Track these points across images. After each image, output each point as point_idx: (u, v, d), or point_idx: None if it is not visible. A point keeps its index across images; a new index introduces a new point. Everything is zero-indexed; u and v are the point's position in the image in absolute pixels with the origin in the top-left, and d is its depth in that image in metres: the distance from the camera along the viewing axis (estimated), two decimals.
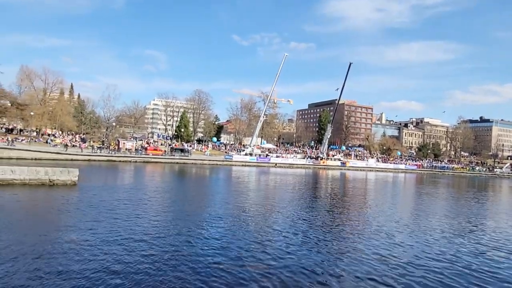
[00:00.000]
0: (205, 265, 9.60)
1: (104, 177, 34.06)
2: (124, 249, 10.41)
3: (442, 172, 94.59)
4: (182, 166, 55.88)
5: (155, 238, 11.82)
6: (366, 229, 15.66)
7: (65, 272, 8.44)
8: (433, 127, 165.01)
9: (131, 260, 9.52)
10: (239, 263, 9.91)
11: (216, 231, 13.45)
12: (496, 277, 10.11)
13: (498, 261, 11.67)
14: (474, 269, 10.65)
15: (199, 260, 9.91)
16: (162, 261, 9.61)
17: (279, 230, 14.35)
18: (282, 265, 9.94)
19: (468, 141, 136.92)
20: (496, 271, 10.61)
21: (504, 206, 30.55)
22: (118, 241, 11.13)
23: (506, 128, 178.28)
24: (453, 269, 10.51)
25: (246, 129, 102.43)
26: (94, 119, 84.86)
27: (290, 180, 42.91)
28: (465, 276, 9.95)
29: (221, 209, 18.65)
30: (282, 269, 9.59)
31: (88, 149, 59.88)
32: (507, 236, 16.04)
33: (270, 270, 9.51)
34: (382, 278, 9.35)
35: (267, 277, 9.02)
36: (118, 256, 9.77)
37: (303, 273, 9.42)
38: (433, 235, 14.99)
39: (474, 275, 10.10)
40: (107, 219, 14.25)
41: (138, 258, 9.69)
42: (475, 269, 10.61)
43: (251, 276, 8.97)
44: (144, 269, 8.98)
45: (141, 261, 9.48)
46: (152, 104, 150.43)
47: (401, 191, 40.12)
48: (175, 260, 9.81)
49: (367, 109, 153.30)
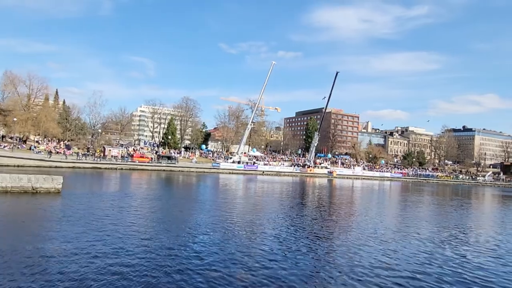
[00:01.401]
0: (191, 274, 9.52)
1: (89, 184, 33.53)
2: (108, 259, 10.21)
3: (427, 180, 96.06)
4: (169, 173, 55.42)
5: (140, 248, 11.65)
6: (354, 237, 15.75)
7: (46, 283, 8.25)
8: (418, 135, 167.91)
9: (115, 270, 9.36)
10: (225, 271, 9.84)
11: (203, 241, 13.33)
12: (479, 281, 10.30)
13: (483, 267, 11.88)
14: (459, 273, 10.83)
15: (184, 269, 9.81)
16: (147, 271, 9.48)
17: (266, 238, 14.33)
18: (268, 274, 9.91)
19: (451, 150, 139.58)
20: (480, 276, 10.80)
21: (488, 215, 31.16)
22: (103, 251, 10.93)
23: (488, 137, 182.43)
24: (439, 274, 10.66)
25: (233, 137, 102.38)
26: (80, 126, 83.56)
27: (278, 188, 42.97)
28: (452, 281, 10.11)
29: (208, 217, 18.54)
30: (268, 278, 9.56)
31: (73, 156, 58.95)
32: (494, 243, 16.36)
33: (256, 278, 9.47)
34: (371, 285, 9.42)
35: (254, 285, 8.99)
36: (101, 266, 9.59)
37: (289, 282, 9.42)
38: (420, 243, 15.15)
39: (459, 280, 10.27)
40: (91, 227, 13.99)
41: (122, 268, 9.54)
42: (460, 273, 10.79)
43: (238, 286, 8.93)
44: (128, 278, 8.85)
45: (125, 271, 9.33)
46: (139, 110, 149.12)
47: (387, 199, 40.56)
48: (160, 269, 9.69)
49: (353, 118, 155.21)
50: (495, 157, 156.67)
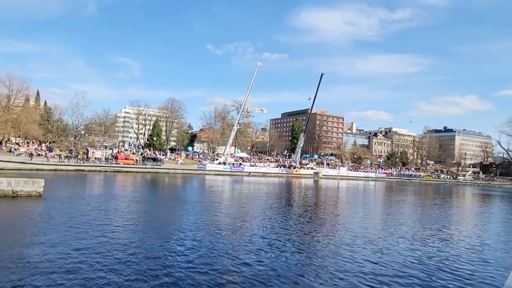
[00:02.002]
0: (177, 275, 9.33)
1: (72, 187, 32.76)
2: (93, 263, 9.95)
3: (410, 180, 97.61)
4: (154, 175, 54.72)
5: (126, 251, 11.39)
6: (340, 237, 15.81)
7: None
8: (401, 136, 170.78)
9: (100, 275, 9.11)
10: (213, 273, 9.70)
11: (189, 243, 13.13)
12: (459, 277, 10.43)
13: (465, 262, 12.05)
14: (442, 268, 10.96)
15: (171, 271, 9.62)
16: (132, 275, 9.24)
17: (253, 239, 14.23)
18: (256, 274, 9.83)
19: (433, 150, 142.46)
20: (462, 271, 10.97)
21: (469, 213, 31.82)
22: (87, 255, 10.64)
23: (468, 138, 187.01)
24: (425, 270, 10.77)
25: (219, 138, 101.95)
26: (62, 127, 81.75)
27: (264, 189, 42.90)
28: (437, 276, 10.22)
29: (195, 219, 18.33)
30: (255, 278, 9.48)
31: (55, 158, 57.56)
32: (475, 239, 16.66)
33: (244, 278, 9.37)
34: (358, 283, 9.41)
35: (242, 285, 8.88)
36: (86, 271, 9.32)
37: (277, 282, 9.33)
38: (405, 240, 15.31)
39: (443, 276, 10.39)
40: (74, 232, 13.62)
41: (108, 273, 9.29)
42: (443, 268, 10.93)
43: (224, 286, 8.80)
44: (114, 282, 8.61)
45: (111, 276, 9.09)
46: (124, 112, 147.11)
47: (372, 199, 41.00)
48: (146, 272, 9.47)
49: (338, 119, 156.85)
50: (475, 157, 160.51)
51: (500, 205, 41.57)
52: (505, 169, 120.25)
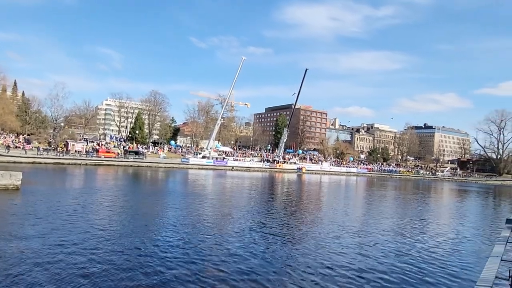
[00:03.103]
0: (158, 270, 9.30)
1: (51, 180, 32.01)
2: (73, 258, 9.77)
3: (390, 175, 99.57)
4: (136, 169, 54.05)
5: (107, 246, 11.24)
6: (321, 231, 16.01)
7: (6, 286, 7.75)
8: (383, 132, 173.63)
9: (80, 271, 8.97)
10: (194, 267, 9.70)
11: (171, 237, 13.07)
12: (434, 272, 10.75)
13: (442, 253, 12.41)
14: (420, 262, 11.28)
15: (151, 266, 9.57)
16: (109, 271, 9.14)
17: (236, 233, 14.27)
18: (239, 268, 9.87)
19: (413, 146, 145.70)
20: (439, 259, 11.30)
21: (446, 207, 32.75)
22: (67, 251, 10.45)
23: (446, 135, 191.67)
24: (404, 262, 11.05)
25: (203, 132, 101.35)
26: (40, 119, 79.58)
27: (247, 183, 43.01)
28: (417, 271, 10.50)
29: (177, 214, 18.26)
30: (238, 272, 9.52)
31: (33, 151, 56.05)
32: (452, 232, 17.18)
33: (226, 273, 9.40)
34: (339, 279, 9.58)
35: (220, 280, 8.90)
36: (66, 266, 9.17)
37: (260, 276, 9.41)
38: (386, 233, 15.63)
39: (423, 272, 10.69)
40: (53, 226, 13.34)
41: (89, 269, 9.16)
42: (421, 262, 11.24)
43: (205, 282, 8.81)
44: (95, 277, 8.50)
45: (92, 271, 8.97)
46: (105, 104, 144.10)
47: (353, 194, 41.69)
48: (126, 267, 9.39)
49: (321, 114, 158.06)
50: (453, 153, 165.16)
51: (476, 200, 42.91)
52: (481, 165, 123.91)
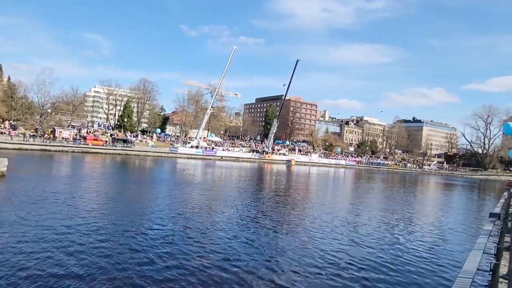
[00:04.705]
0: (145, 262, 9.54)
1: (38, 167, 31.89)
2: (56, 247, 9.81)
3: (378, 168, 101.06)
4: (124, 157, 53.92)
5: (94, 236, 11.46)
6: (309, 223, 16.47)
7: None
8: (372, 125, 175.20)
9: (61, 259, 9.17)
10: (183, 261, 9.92)
11: (159, 228, 13.27)
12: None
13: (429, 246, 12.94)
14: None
15: (138, 258, 9.80)
16: (95, 263, 9.37)
17: (225, 225, 14.61)
18: (226, 261, 10.12)
19: (401, 140, 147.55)
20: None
21: (432, 200, 33.68)
22: (50, 238, 10.58)
23: (434, 129, 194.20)
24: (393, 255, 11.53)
25: (192, 121, 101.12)
26: (27, 105, 78.29)
27: (236, 173, 43.37)
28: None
29: (165, 203, 18.54)
30: (226, 265, 9.79)
31: (19, 137, 55.37)
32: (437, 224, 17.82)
33: (213, 266, 9.65)
34: (328, 273, 9.98)
35: (205, 271, 9.21)
36: (49, 255, 9.30)
37: (249, 269, 9.75)
38: (370, 227, 16.14)
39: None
40: (40, 213, 13.46)
41: (70, 258, 9.33)
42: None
43: (191, 273, 9.11)
44: (78, 267, 8.69)
45: (74, 260, 9.15)
46: (93, 91, 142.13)
47: (341, 186, 42.42)
48: (110, 260, 9.63)
49: (311, 106, 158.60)
50: (440, 147, 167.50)
51: (461, 194, 44.06)
52: (468, 160, 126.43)
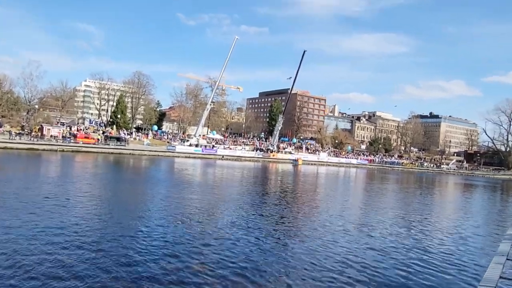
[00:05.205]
0: (143, 265, 9.43)
1: (24, 167, 31.89)
2: (43, 250, 9.76)
3: (392, 168, 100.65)
4: (118, 156, 53.93)
5: (85, 237, 11.32)
6: (317, 228, 16.28)
7: None
8: (385, 121, 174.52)
9: (57, 265, 9.07)
10: (181, 264, 9.83)
11: (156, 231, 13.15)
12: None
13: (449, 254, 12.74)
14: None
15: (136, 261, 9.70)
16: (83, 266, 9.25)
17: (226, 228, 14.45)
18: (229, 265, 10.02)
19: (417, 137, 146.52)
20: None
21: (451, 203, 33.39)
22: (36, 238, 10.49)
23: (453, 125, 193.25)
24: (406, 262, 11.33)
25: (191, 118, 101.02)
26: (12, 100, 78.40)
27: (238, 174, 43.23)
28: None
29: (161, 206, 18.37)
30: (228, 269, 9.68)
31: (4, 135, 55.55)
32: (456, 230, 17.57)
33: (214, 270, 9.55)
34: (335, 276, 9.81)
35: (209, 276, 9.07)
36: (35, 258, 9.23)
37: (251, 272, 9.60)
38: (388, 230, 15.94)
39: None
40: (26, 214, 13.32)
41: (59, 260, 9.25)
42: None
43: (193, 277, 8.97)
44: (67, 268, 8.61)
45: (63, 263, 9.07)
46: (84, 85, 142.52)
47: (352, 187, 42.20)
48: (101, 265, 9.50)
49: (320, 100, 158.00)
50: (460, 145, 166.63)
51: (482, 195, 43.68)
52: (489, 158, 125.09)
